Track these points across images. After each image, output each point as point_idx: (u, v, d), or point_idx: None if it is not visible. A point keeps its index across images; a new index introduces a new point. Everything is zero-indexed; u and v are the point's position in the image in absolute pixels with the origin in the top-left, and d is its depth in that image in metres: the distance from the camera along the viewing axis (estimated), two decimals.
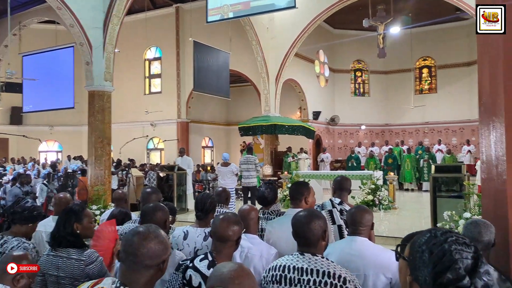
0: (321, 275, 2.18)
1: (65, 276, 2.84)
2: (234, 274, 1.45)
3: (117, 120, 12.02)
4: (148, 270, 1.67)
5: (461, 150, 19.78)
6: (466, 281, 1.18)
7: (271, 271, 2.31)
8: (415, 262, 1.28)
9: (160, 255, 1.69)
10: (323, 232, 2.31)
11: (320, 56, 22.35)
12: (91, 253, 2.91)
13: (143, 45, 20.10)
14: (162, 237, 1.73)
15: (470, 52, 20.97)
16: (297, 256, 2.29)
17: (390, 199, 11.07)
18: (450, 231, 1.31)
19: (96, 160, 10.54)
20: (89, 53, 10.52)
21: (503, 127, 2.89)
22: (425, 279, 1.23)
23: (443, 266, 1.20)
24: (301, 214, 2.40)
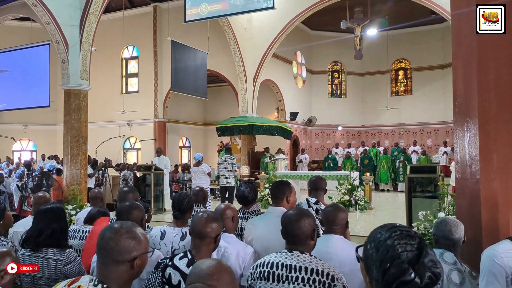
0: (310, 273, 2.19)
1: (42, 277, 2.81)
2: (213, 270, 1.46)
3: (93, 119, 11.85)
4: (118, 266, 1.66)
5: (435, 151, 20.19)
6: (410, 273, 1.18)
7: (259, 268, 2.32)
8: (367, 261, 1.29)
9: (130, 251, 1.67)
10: (312, 231, 2.33)
11: (297, 57, 22.49)
12: (69, 253, 2.90)
13: (120, 44, 19.83)
14: (135, 234, 1.71)
15: (444, 54, 21.44)
16: (286, 253, 2.31)
17: (366, 199, 11.22)
18: (395, 226, 1.32)
19: (72, 160, 10.38)
20: (65, 51, 10.34)
21: (476, 128, 2.98)
22: (376, 278, 1.24)
23: (388, 262, 1.21)
24: (290, 212, 2.42)
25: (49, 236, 2.93)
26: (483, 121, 2.99)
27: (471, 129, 3.05)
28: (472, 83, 3.09)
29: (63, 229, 3.00)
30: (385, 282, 1.20)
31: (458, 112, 3.24)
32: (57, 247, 2.91)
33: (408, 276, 1.18)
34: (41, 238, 2.91)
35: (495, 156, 2.94)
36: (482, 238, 2.97)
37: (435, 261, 1.21)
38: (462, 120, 3.15)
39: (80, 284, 1.62)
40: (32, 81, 11.93)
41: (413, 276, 1.18)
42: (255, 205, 4.25)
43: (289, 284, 2.21)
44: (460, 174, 3.19)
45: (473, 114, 3.04)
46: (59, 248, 2.92)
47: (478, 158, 2.99)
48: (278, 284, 2.23)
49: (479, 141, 2.98)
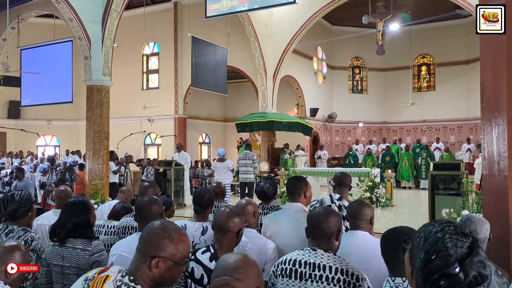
0: (334, 272, 2.15)
1: (70, 266, 2.91)
2: (240, 264, 1.46)
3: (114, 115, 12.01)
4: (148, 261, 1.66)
5: (459, 148, 19.83)
6: (454, 268, 1.14)
7: (281, 265, 2.29)
8: (413, 251, 1.27)
9: (164, 250, 1.67)
10: (338, 231, 2.29)
11: (318, 52, 22.33)
12: (96, 244, 2.98)
13: (141, 40, 20.01)
14: (173, 234, 1.71)
15: (468, 50, 21.00)
16: (309, 251, 2.27)
17: (388, 197, 11.08)
18: (450, 222, 1.29)
19: (94, 155, 10.53)
20: (87, 47, 10.48)
21: (505, 123, 2.90)
22: (417, 266, 1.21)
23: (434, 253, 1.18)
24: (318, 209, 2.39)
25: (71, 229, 2.99)
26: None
27: (500, 124, 2.97)
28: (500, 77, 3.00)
29: (85, 222, 3.04)
30: (426, 272, 1.17)
31: (485, 107, 3.15)
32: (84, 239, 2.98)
33: (452, 269, 1.14)
34: (64, 231, 2.98)
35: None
36: (510, 235, 2.90)
37: (484, 263, 1.17)
38: (490, 115, 3.06)
39: (108, 274, 1.64)
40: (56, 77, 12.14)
41: (457, 271, 1.14)
42: (274, 200, 4.23)
43: (312, 282, 2.17)
44: (488, 170, 3.11)
45: (501, 109, 2.96)
46: (86, 239, 2.99)
47: (506, 154, 2.91)
48: (300, 282, 2.20)
49: (508, 136, 2.90)
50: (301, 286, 2.19)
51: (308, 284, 2.18)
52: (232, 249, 2.46)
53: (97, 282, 1.62)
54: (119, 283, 1.60)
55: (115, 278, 1.62)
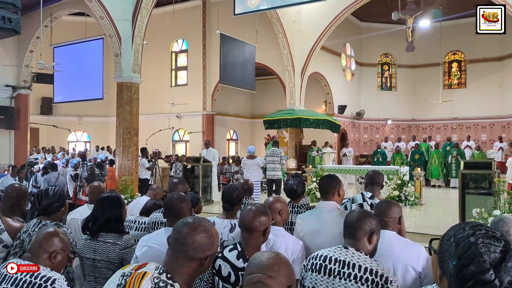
0: (363, 271, 2.15)
1: (101, 259, 3.00)
2: (273, 262, 1.48)
3: (143, 111, 12.20)
4: (190, 262, 1.70)
5: (490, 146, 19.32)
6: (489, 275, 1.14)
7: (312, 260, 2.30)
8: (443, 255, 1.26)
9: (204, 249, 1.71)
10: (371, 233, 2.27)
11: (346, 49, 22.10)
12: (127, 239, 3.06)
13: (170, 37, 20.24)
14: (211, 233, 1.75)
15: (501, 46, 20.41)
16: (341, 249, 2.27)
17: (417, 195, 10.90)
18: (481, 225, 1.28)
19: (124, 151, 10.72)
20: (118, 45, 10.68)
21: None
22: (450, 272, 1.20)
23: (468, 259, 1.17)
24: (355, 210, 2.42)
25: (104, 224, 3.08)
26: None
27: None
28: None
29: (117, 217, 3.12)
30: (460, 278, 1.17)
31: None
32: (115, 233, 3.07)
33: (488, 276, 1.14)
34: (96, 225, 3.07)
35: None
36: None
37: None
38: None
39: (146, 271, 1.67)
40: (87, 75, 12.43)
41: (493, 278, 1.14)
42: (304, 198, 4.22)
43: (341, 279, 2.17)
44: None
45: None
46: (117, 233, 3.07)
47: None
48: (329, 278, 2.19)
49: None
50: (329, 282, 2.19)
51: (336, 281, 2.18)
52: (259, 247, 2.47)
53: (135, 278, 1.65)
54: (157, 280, 1.63)
55: (153, 275, 1.65)
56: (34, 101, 19.96)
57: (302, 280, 2.32)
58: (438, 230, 7.87)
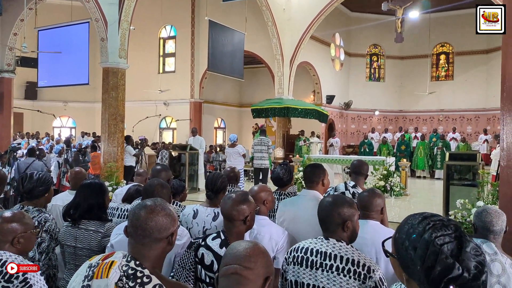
0: (345, 262, 2.12)
1: (82, 247, 2.96)
2: (250, 252, 1.44)
3: (130, 98, 12.05)
4: (157, 243, 1.67)
5: (475, 138, 19.54)
6: (456, 268, 1.13)
7: (293, 252, 2.27)
8: (403, 260, 1.23)
9: (168, 228, 1.69)
10: (344, 222, 2.21)
11: (336, 39, 22.05)
12: (109, 226, 3.01)
13: (158, 23, 19.98)
14: (169, 210, 1.73)
15: (489, 39, 20.53)
16: (322, 240, 2.24)
17: (402, 186, 10.99)
18: (426, 217, 1.26)
19: (109, 137, 10.58)
20: (104, 29, 10.48)
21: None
22: (419, 278, 1.18)
23: (430, 260, 1.15)
24: (326, 199, 2.34)
25: (86, 211, 3.02)
26: None
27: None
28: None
29: (100, 204, 3.07)
30: (431, 282, 1.15)
31: (506, 97, 3.07)
32: (98, 220, 3.02)
33: (456, 271, 1.13)
34: (78, 212, 3.01)
35: None
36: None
37: (476, 248, 1.16)
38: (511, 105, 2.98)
39: (113, 260, 1.63)
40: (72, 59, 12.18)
41: (461, 271, 1.13)
42: (291, 187, 4.21)
43: (323, 271, 2.14)
44: (506, 161, 3.04)
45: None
46: (99, 221, 3.02)
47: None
48: (311, 270, 2.17)
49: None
50: (312, 275, 2.17)
51: (318, 273, 2.15)
52: (242, 235, 2.44)
53: (103, 268, 1.61)
54: (126, 267, 1.59)
55: (121, 263, 1.61)
56: (18, 86, 19.59)
57: (284, 273, 2.30)
58: None
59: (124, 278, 1.57)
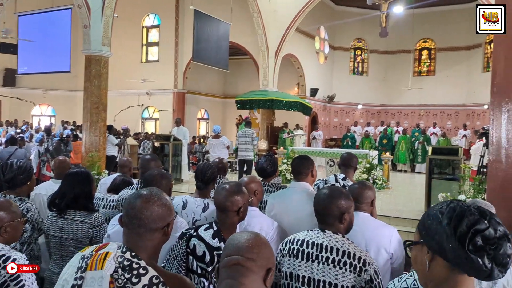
0: (341, 255, 2.12)
1: (69, 238, 2.89)
2: (253, 243, 1.42)
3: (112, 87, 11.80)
4: (153, 234, 1.63)
5: (455, 134, 19.86)
6: (484, 223, 1.15)
7: (288, 244, 2.26)
8: (429, 233, 1.25)
9: (164, 218, 1.65)
10: (341, 214, 2.21)
11: (320, 32, 22.07)
12: (97, 217, 2.94)
13: (141, 11, 19.70)
14: (166, 200, 1.69)
15: (470, 36, 20.79)
16: (318, 232, 2.22)
17: (384, 179, 11.11)
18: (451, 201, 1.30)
19: (91, 126, 10.41)
20: (87, 16, 10.26)
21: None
22: (445, 236, 1.19)
23: (459, 216, 1.18)
24: (323, 191, 2.32)
25: (72, 200, 2.95)
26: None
27: (510, 110, 2.92)
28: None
29: (87, 194, 3.00)
30: (460, 235, 1.16)
31: (496, 92, 3.10)
32: (84, 211, 2.94)
33: (483, 224, 1.15)
34: (64, 201, 2.94)
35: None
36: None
37: (500, 222, 1.19)
38: (500, 100, 3.01)
39: (108, 251, 1.58)
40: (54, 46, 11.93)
41: (488, 225, 1.15)
42: (275, 178, 4.20)
43: (319, 263, 2.13)
44: (494, 156, 3.08)
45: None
46: (86, 211, 2.94)
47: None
48: (307, 263, 2.16)
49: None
50: (308, 267, 2.16)
51: (314, 265, 2.14)
52: (235, 226, 2.42)
53: (97, 260, 1.56)
54: (121, 259, 1.55)
55: (116, 254, 1.57)
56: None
57: (279, 265, 2.28)
58: (403, 213, 8.08)
59: (119, 270, 1.53)
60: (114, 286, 1.51)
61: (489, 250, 1.12)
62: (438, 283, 1.26)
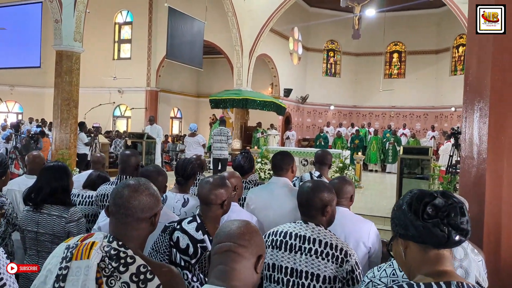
0: (324, 246, 2.16)
1: (45, 233, 2.82)
2: (244, 230, 1.43)
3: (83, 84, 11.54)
4: (140, 223, 1.63)
5: (424, 135, 20.37)
6: (434, 196, 1.27)
7: (271, 236, 2.28)
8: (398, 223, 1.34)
9: (151, 208, 1.65)
10: (324, 206, 2.25)
11: (294, 33, 22.24)
12: (74, 211, 2.88)
13: (114, 8, 19.39)
14: (153, 190, 1.70)
15: (439, 40, 21.45)
16: (301, 224, 2.26)
17: (356, 178, 11.29)
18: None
19: (62, 123, 10.19)
20: (58, 10, 10.03)
21: (487, 107, 2.96)
22: (405, 217, 1.29)
23: (417, 198, 1.29)
24: (307, 184, 2.36)
25: (49, 195, 2.88)
26: (495, 101, 2.97)
27: (482, 108, 3.03)
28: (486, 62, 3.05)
29: (64, 188, 2.94)
30: (414, 210, 1.27)
31: (469, 91, 3.21)
32: (61, 205, 2.88)
33: (432, 197, 1.27)
34: (40, 196, 2.87)
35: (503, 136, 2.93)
36: (485, 216, 3.00)
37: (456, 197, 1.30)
38: (473, 99, 3.12)
39: (94, 240, 1.57)
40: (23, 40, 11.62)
41: (436, 195, 1.28)
42: (252, 175, 4.23)
43: (302, 255, 2.17)
44: (467, 152, 3.19)
45: (484, 93, 3.02)
46: (63, 206, 2.88)
47: (486, 138, 2.99)
48: (290, 254, 2.19)
49: (489, 120, 2.97)
50: (290, 258, 2.19)
51: (297, 256, 2.18)
52: (218, 219, 2.43)
53: (83, 249, 1.54)
54: (108, 248, 1.54)
55: (102, 244, 1.56)
56: None
57: None
58: (373, 211, 8.24)
59: (106, 259, 1.51)
60: (101, 275, 1.50)
61: (442, 216, 1.23)
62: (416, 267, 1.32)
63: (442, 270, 1.28)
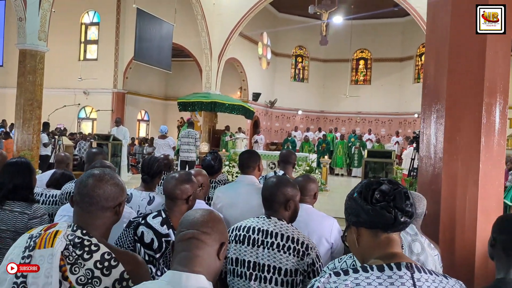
0: (285, 240, 2.20)
1: (7, 229, 2.77)
2: (207, 218, 1.47)
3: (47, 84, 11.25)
4: (104, 212, 1.64)
5: (388, 140, 20.88)
6: (380, 183, 1.39)
7: (235, 231, 2.32)
8: (350, 211, 1.43)
9: (116, 197, 1.67)
10: (287, 201, 2.30)
11: (263, 38, 22.42)
12: (36, 208, 2.84)
13: (80, 8, 19.03)
14: (118, 180, 1.72)
15: (403, 48, 22.08)
16: (263, 219, 2.30)
17: (323, 181, 11.48)
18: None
19: (24, 124, 9.91)
20: (23, 8, 9.79)
21: (444, 109, 3.11)
22: (357, 204, 1.39)
23: (366, 186, 1.40)
24: (271, 179, 2.41)
25: (11, 191, 2.84)
26: (450, 104, 3.11)
27: (439, 110, 3.18)
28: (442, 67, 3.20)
29: (27, 184, 2.90)
30: (363, 197, 1.37)
31: (427, 94, 3.36)
32: (23, 202, 2.84)
33: (378, 184, 1.38)
34: (2, 191, 2.82)
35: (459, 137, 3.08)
36: (441, 212, 3.14)
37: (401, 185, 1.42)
38: (430, 101, 3.27)
39: (58, 229, 1.57)
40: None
41: (382, 181, 1.39)
42: (221, 174, 4.26)
43: (264, 249, 2.21)
44: (425, 152, 3.33)
45: (441, 96, 3.16)
46: (26, 202, 2.84)
47: (442, 138, 3.13)
48: (253, 248, 2.23)
49: (445, 122, 3.11)
50: (253, 252, 2.23)
51: (260, 251, 2.22)
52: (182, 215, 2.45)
53: (46, 238, 1.54)
54: (72, 236, 1.55)
55: (66, 232, 1.56)
56: None
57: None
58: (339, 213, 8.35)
59: (70, 247, 1.52)
60: (65, 263, 1.51)
61: (389, 200, 1.34)
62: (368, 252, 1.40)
63: (392, 252, 1.36)
